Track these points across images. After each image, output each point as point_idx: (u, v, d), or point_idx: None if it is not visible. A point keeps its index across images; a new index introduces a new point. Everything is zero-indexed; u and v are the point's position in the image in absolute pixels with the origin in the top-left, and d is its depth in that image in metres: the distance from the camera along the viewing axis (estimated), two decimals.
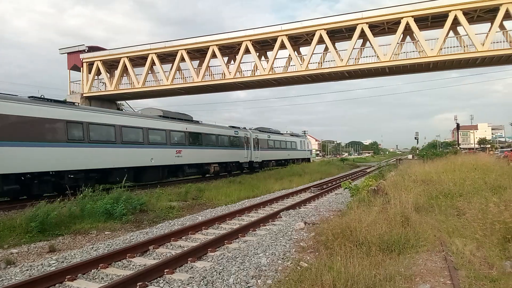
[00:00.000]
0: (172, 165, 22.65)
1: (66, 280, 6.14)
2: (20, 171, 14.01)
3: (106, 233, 10.27)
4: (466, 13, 21.06)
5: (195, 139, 25.39)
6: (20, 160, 13.82)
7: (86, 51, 29.51)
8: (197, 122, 26.83)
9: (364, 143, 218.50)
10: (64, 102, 17.91)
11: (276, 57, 25.28)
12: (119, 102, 33.25)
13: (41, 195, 14.37)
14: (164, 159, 21.90)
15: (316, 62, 25.03)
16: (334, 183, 24.16)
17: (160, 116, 22.84)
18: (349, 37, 23.91)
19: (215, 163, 27.69)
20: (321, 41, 23.78)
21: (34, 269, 6.86)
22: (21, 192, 14.75)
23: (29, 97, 15.28)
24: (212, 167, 27.29)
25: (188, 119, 25.90)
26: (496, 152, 47.14)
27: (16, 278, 6.41)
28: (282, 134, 44.77)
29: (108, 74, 30.24)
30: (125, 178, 15.66)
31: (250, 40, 24.89)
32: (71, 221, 10.79)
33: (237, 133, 31.84)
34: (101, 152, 17.43)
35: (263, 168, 35.30)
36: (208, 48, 25.92)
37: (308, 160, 51.97)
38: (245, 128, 34.97)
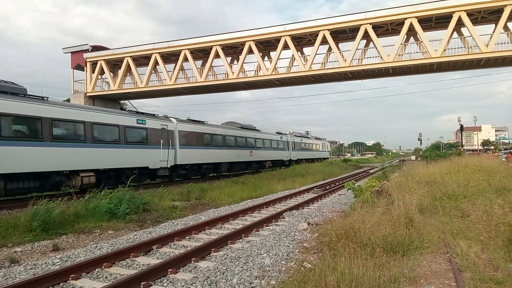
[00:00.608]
0: (247, 161, 32.64)
1: (70, 279, 6.15)
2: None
3: (109, 232, 10.29)
4: (470, 14, 20.98)
5: (259, 143, 35.27)
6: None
7: (89, 50, 29.57)
8: (258, 131, 36.63)
9: (367, 144, 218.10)
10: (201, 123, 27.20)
11: (280, 57, 25.26)
12: (122, 101, 33.30)
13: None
14: (244, 157, 31.71)
15: (319, 63, 25.01)
16: (337, 183, 24.14)
17: (240, 127, 33.02)
18: (353, 38, 23.87)
19: (269, 160, 37.60)
20: (324, 41, 23.74)
21: (38, 267, 6.88)
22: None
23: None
24: (267, 163, 37.10)
25: (254, 129, 35.74)
26: (500, 154, 46.26)
27: (21, 276, 6.43)
28: (309, 137, 56.30)
29: (112, 74, 30.29)
30: (226, 168, 28.63)
31: (253, 40, 24.87)
32: (74, 220, 10.82)
33: (281, 138, 41.42)
34: (215, 152, 27.31)
35: (298, 163, 42.62)
36: (212, 48, 25.94)
37: (327, 158, 63.11)
38: (285, 134, 45.02)
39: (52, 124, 14.93)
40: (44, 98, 15.41)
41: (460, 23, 21.49)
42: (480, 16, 21.97)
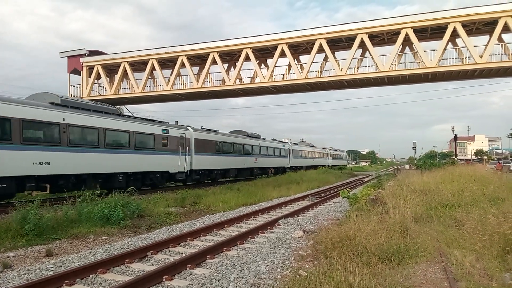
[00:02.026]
0: (253, 167, 34.92)
1: (64, 285, 6.10)
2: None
3: (103, 238, 10.22)
4: (465, 25, 21.25)
5: (264, 151, 37.66)
6: None
7: (86, 55, 29.53)
8: (263, 139, 39.36)
9: (362, 152, 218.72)
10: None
11: (276, 65, 25.36)
12: (118, 106, 33.23)
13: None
14: (250, 163, 34.02)
15: (315, 71, 25.16)
16: (332, 191, 24.17)
17: (247, 135, 35.44)
18: (349, 47, 24.06)
19: (272, 167, 39.75)
20: (321, 50, 23.91)
21: (31, 273, 6.82)
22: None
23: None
24: (270, 170, 38.94)
25: (259, 137, 38.21)
26: (489, 165, 43.18)
27: (14, 282, 6.36)
28: (309, 146, 59.77)
29: (108, 79, 30.25)
30: (234, 174, 30.86)
31: (250, 48, 24.99)
32: (68, 225, 10.72)
33: (283, 146, 44.72)
34: (225, 159, 29.23)
35: (296, 170, 44.22)
36: (209, 55, 26.01)
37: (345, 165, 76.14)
38: (286, 142, 49.36)
39: (106, 134, 17.73)
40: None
41: (455, 34, 21.75)
42: (475, 27, 22.25)
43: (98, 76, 29.71)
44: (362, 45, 23.39)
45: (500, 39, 21.75)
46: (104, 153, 17.53)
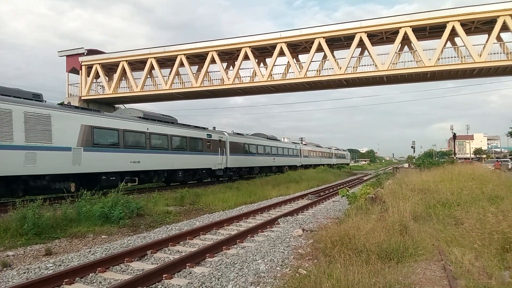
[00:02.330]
0: (271, 166, 38.73)
1: (64, 283, 6.10)
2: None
3: (102, 237, 10.21)
4: (463, 24, 21.29)
5: (280, 151, 41.91)
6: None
7: (85, 54, 29.50)
8: (279, 141, 45.01)
9: (361, 151, 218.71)
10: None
11: (275, 64, 25.39)
12: (116, 105, 33.17)
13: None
14: (269, 162, 38.14)
15: (314, 70, 25.18)
16: (331, 190, 24.19)
17: (266, 138, 39.72)
18: (348, 46, 24.08)
19: (287, 165, 43.30)
20: (319, 49, 23.93)
21: (31, 272, 6.81)
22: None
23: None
24: (285, 168, 41.96)
25: (276, 139, 43.41)
26: (485, 163, 42.03)
27: (14, 281, 6.36)
28: (318, 146, 64.44)
29: (107, 78, 30.21)
30: (257, 171, 34.89)
31: (249, 47, 25.00)
32: (67, 224, 10.71)
33: (296, 146, 49.26)
34: (251, 158, 33.72)
35: (306, 168, 49.50)
36: (208, 54, 26.01)
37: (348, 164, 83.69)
38: (297, 143, 54.29)
39: (172, 139, 22.18)
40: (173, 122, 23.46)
41: (453, 33, 21.80)
42: (474, 26, 22.29)
43: (97, 75, 29.68)
44: (361, 44, 23.41)
45: (499, 38, 21.80)
46: (171, 154, 21.98)
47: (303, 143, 58.68)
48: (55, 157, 14.84)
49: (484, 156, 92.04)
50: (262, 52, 27.07)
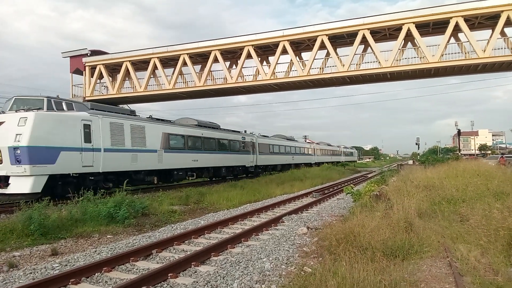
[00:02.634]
0: (290, 163, 42.87)
1: (70, 283, 6.13)
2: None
3: (108, 236, 10.26)
4: (467, 19, 21.15)
5: (297, 150, 47.27)
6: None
7: (88, 55, 29.60)
8: (296, 141, 50.24)
9: (365, 148, 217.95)
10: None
11: (278, 62, 25.35)
12: (120, 106, 33.26)
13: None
14: (289, 160, 42.80)
15: (317, 67, 25.10)
16: (335, 188, 24.16)
17: (286, 139, 45.37)
18: (351, 43, 24.00)
19: (303, 163, 47.85)
20: (322, 46, 23.86)
21: (37, 272, 6.85)
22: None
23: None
24: (301, 165, 45.69)
25: (293, 139, 49.25)
26: (486, 159, 40.27)
27: (20, 281, 6.40)
28: (330, 145, 70.87)
29: (111, 78, 30.31)
30: (280, 168, 39.63)
31: (252, 45, 24.97)
32: (72, 225, 10.77)
33: (310, 146, 55.26)
34: (276, 157, 39.23)
35: (319, 165, 53.53)
36: (210, 53, 26.01)
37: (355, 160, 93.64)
38: (312, 143, 61.24)
39: (218, 142, 27.16)
40: (216, 127, 28.30)
41: (457, 29, 21.65)
42: (477, 22, 22.14)
43: (101, 76, 29.79)
44: (364, 41, 23.31)
45: (502, 33, 21.65)
46: (217, 153, 26.79)
47: (316, 142, 64.21)
48: (148, 157, 19.64)
49: (489, 152, 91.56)
50: (265, 51, 27.04)
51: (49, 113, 14.85)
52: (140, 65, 29.32)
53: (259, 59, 26.07)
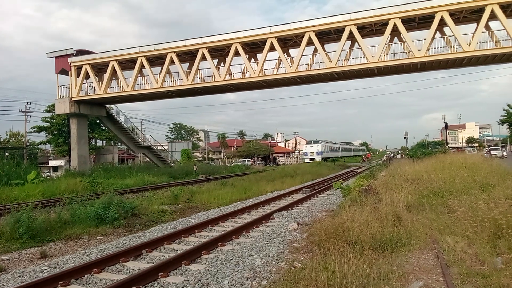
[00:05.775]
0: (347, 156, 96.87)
1: (59, 286, 6.07)
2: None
3: (98, 238, 10.19)
4: (452, 14, 21.37)
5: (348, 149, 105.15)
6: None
7: (74, 54, 29.27)
8: (351, 143, 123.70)
9: (354, 144, 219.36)
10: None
11: (266, 59, 25.37)
12: (108, 106, 32.96)
13: None
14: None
15: (305, 64, 25.17)
16: (325, 183, 24.29)
17: (345, 144, 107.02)
18: (338, 39, 24.10)
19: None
20: (310, 42, 23.92)
21: (26, 275, 6.78)
22: None
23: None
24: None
25: (348, 142, 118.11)
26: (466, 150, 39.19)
27: (9, 285, 6.33)
28: (356, 145, 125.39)
29: (97, 78, 30.01)
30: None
31: (239, 42, 24.93)
32: (61, 227, 10.67)
33: (347, 145, 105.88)
34: (335, 154, 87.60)
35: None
36: (198, 51, 25.90)
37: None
38: (351, 143, 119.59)
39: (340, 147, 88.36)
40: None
41: (442, 23, 21.88)
42: (462, 16, 22.40)
43: (87, 76, 29.47)
44: (351, 36, 23.44)
45: (487, 27, 21.93)
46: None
47: (341, 142, 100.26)
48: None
49: (477, 144, 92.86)
50: (253, 48, 27.02)
51: None
52: (127, 64, 29.09)
53: (247, 56, 26.06)
